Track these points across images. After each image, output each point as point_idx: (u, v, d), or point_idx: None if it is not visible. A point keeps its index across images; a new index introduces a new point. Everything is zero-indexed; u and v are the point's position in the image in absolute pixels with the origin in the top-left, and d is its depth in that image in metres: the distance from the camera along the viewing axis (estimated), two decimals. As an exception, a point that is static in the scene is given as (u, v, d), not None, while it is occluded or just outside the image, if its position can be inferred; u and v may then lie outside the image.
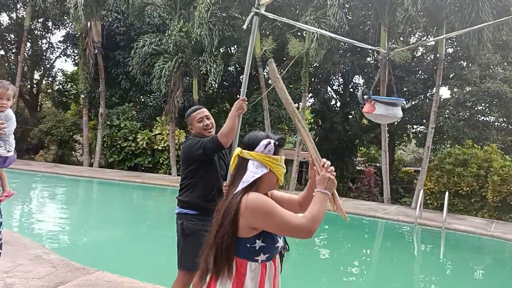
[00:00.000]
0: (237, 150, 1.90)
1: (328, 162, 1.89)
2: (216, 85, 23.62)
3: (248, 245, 1.76)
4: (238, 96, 3.35)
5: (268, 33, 17.66)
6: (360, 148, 23.98)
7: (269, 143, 1.82)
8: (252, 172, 1.80)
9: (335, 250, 9.01)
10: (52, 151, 21.47)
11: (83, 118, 20.31)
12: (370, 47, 4.61)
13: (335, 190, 1.90)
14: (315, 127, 23.85)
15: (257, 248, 1.77)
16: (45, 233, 8.04)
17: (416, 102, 19.82)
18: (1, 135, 3.11)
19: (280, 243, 1.88)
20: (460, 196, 14.03)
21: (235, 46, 20.74)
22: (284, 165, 1.89)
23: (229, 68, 21.60)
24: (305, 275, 6.92)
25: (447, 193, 11.04)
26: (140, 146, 19.44)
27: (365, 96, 6.09)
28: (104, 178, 15.64)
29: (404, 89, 18.54)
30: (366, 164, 22.54)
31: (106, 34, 20.65)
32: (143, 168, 19.77)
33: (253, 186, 1.79)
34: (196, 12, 16.33)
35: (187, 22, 17.66)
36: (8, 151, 3.19)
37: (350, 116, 21.79)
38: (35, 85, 26.62)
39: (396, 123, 20.55)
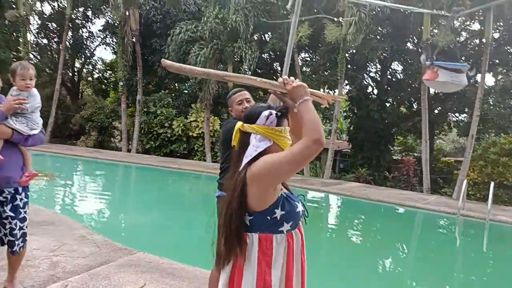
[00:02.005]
0: (238, 124, 1.81)
1: (285, 77, 1.79)
2: (250, 72, 23.58)
3: (269, 217, 1.70)
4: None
5: (304, 19, 17.38)
6: (397, 137, 23.40)
7: (271, 114, 1.72)
8: (255, 146, 1.71)
9: (373, 240, 8.86)
10: (92, 137, 22.14)
11: (122, 105, 20.80)
12: (435, 12, 4.35)
13: (308, 91, 1.78)
14: (351, 115, 23.41)
15: (278, 217, 1.70)
16: (87, 214, 8.30)
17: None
18: (22, 110, 3.06)
19: (300, 207, 1.79)
20: (505, 187, 13.45)
21: (270, 33, 20.55)
22: (289, 137, 1.77)
23: (263, 55, 21.44)
24: (341, 265, 6.84)
25: (492, 184, 10.59)
26: (175, 132, 19.74)
27: (428, 62, 5.73)
28: (142, 163, 16.00)
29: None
30: (403, 154, 21.98)
31: (144, 22, 20.95)
32: (178, 154, 20.08)
33: (257, 160, 1.70)
34: (232, -2, 16.27)
35: (223, 9, 17.62)
36: (31, 129, 3.13)
37: (388, 104, 21.24)
38: (76, 73, 27.44)
39: (436, 111, 19.91)
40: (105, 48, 38.61)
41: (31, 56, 23.52)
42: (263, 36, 21.65)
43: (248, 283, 1.70)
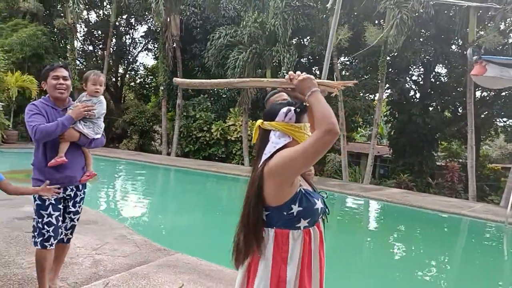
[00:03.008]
0: (258, 122, 1.80)
1: (291, 72, 1.77)
2: (289, 76, 23.51)
3: (285, 213, 1.68)
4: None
5: (343, 21, 17.15)
6: (441, 142, 22.57)
7: (289, 110, 1.70)
8: (274, 143, 1.70)
9: (414, 247, 8.56)
10: (134, 140, 22.75)
11: (162, 109, 21.28)
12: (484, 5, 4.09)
13: (316, 82, 1.75)
14: (392, 119, 22.83)
15: (295, 214, 1.68)
16: (128, 215, 8.51)
17: (506, 93, 18.19)
18: (91, 117, 3.29)
19: (319, 204, 1.76)
20: (558, 196, 12.66)
21: (309, 37, 20.42)
22: (309, 133, 1.73)
23: (302, 59, 21.30)
24: (380, 272, 6.64)
25: (544, 192, 10.00)
26: (214, 136, 19.95)
27: (475, 57, 5.43)
28: (181, 166, 16.26)
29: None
30: (447, 160, 21.18)
31: (184, 28, 21.35)
32: (216, 158, 20.27)
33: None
34: (271, 2, 16.26)
35: (262, 13, 17.68)
36: (96, 133, 3.35)
37: (431, 108, 20.54)
38: (119, 78, 28.36)
39: (483, 116, 19.07)
40: (146, 54, 39.74)
41: (78, 62, 24.54)
42: (302, 40, 21.54)
43: (263, 277, 1.69)
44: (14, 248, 4.46)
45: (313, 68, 22.58)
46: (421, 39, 18.67)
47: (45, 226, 3.13)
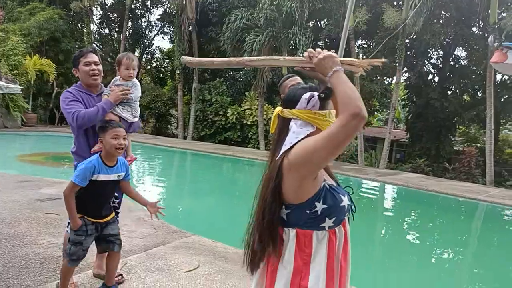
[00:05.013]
0: (277, 110, 1.59)
1: (310, 50, 1.57)
2: (305, 60, 23.24)
3: (308, 211, 1.50)
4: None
5: (361, 3, 16.82)
6: (459, 127, 22.20)
7: (312, 96, 1.50)
8: (295, 133, 1.50)
9: (430, 231, 8.53)
10: (150, 124, 22.97)
11: (178, 93, 21.38)
12: None
13: (338, 60, 1.53)
14: (409, 104, 22.49)
15: (319, 212, 1.50)
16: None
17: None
18: (128, 100, 3.26)
19: (346, 201, 1.56)
20: None
21: (326, 20, 20.12)
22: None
23: (319, 42, 21.03)
24: (395, 256, 6.66)
25: None
26: (230, 120, 20.01)
27: (496, 43, 5.36)
28: (197, 150, 16.40)
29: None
30: (465, 144, 20.85)
31: (200, 11, 21.23)
32: (232, 142, 20.36)
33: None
34: (288, -17, 16.03)
35: (278, -5, 17.45)
36: (134, 117, 3.34)
37: (449, 92, 20.16)
38: (135, 62, 28.44)
39: (503, 100, 18.65)
40: (162, 37, 39.64)
41: (94, 45, 24.70)
42: (318, 23, 21.24)
43: (281, 285, 1.53)
44: (35, 229, 4.60)
45: (331, 51, 22.29)
46: (440, 21, 18.20)
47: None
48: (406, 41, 17.14)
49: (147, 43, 28.22)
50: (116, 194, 3.35)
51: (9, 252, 3.86)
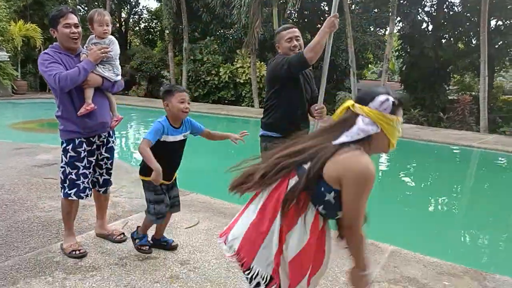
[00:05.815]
0: (348, 103, 1.66)
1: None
2: (295, 14, 22.74)
3: (323, 189, 1.54)
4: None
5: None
6: (454, 76, 22.08)
7: (387, 99, 1.57)
8: (360, 129, 1.56)
9: (426, 181, 8.70)
10: (142, 86, 22.71)
11: (169, 54, 20.99)
12: None
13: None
14: (403, 54, 22.25)
15: (325, 199, 1.55)
16: (141, 159, 8.70)
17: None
18: (108, 59, 3.21)
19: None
20: None
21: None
22: (400, 129, 1.63)
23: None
24: (393, 206, 6.81)
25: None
26: (222, 80, 19.78)
27: None
28: (192, 110, 16.06)
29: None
30: (460, 93, 20.81)
31: (186, -34, 20.48)
32: (226, 101, 20.25)
33: (357, 144, 1.55)
34: None
35: None
36: (117, 75, 3.30)
37: (444, 41, 19.90)
38: (123, 24, 27.75)
39: (497, 46, 18.45)
40: (149, -4, 38.55)
41: (79, 8, 23.97)
42: (309, -26, 20.60)
43: (299, 231, 1.59)
44: (35, 193, 4.67)
45: (322, 4, 21.81)
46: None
47: (81, 177, 3.17)
48: (399, -11, 16.74)
49: (133, 3, 27.42)
50: (108, 155, 3.38)
51: (11, 217, 3.94)
